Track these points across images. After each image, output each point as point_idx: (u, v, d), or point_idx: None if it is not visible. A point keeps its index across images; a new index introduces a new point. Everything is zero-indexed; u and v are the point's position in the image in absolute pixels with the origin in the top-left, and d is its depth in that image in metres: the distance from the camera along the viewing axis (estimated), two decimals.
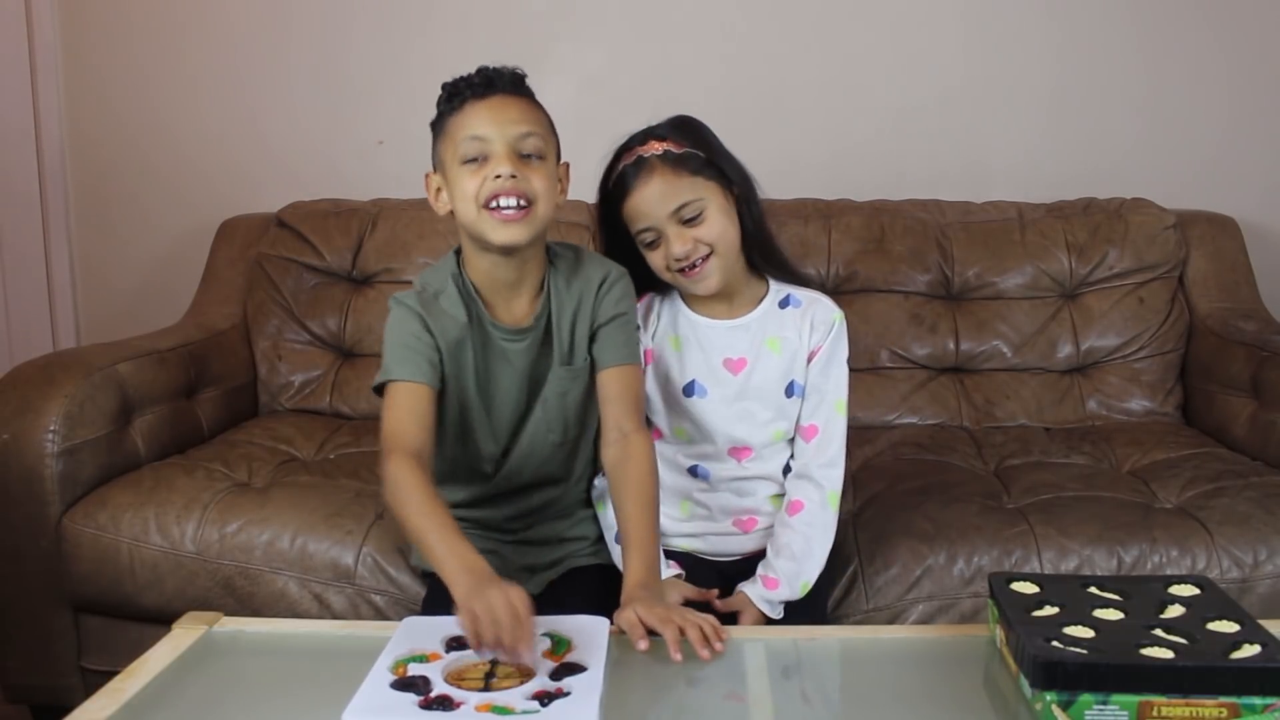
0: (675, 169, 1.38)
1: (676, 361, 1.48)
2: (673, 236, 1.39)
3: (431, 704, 0.99)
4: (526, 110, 1.32)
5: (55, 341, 2.57)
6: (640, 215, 1.39)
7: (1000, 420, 2.14)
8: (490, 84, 1.31)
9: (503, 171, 1.28)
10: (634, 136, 1.42)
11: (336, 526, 1.66)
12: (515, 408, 1.41)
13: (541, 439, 1.43)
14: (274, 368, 2.22)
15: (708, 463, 1.50)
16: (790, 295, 1.50)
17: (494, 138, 1.29)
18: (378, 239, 2.26)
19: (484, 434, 1.42)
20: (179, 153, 2.55)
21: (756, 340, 1.48)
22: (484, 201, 1.29)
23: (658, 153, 1.39)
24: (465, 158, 1.30)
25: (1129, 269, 2.19)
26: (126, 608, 1.69)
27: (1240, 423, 1.98)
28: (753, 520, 1.50)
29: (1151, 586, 1.18)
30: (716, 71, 2.43)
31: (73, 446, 1.70)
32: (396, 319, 1.35)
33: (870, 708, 1.15)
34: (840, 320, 1.49)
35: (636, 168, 1.39)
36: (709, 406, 1.47)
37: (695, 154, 1.40)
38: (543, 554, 1.49)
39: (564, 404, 1.42)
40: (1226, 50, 2.40)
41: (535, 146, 1.31)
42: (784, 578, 1.41)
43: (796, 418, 1.49)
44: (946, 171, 2.45)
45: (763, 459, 1.49)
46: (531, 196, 1.29)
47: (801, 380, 1.48)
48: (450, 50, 2.47)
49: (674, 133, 1.41)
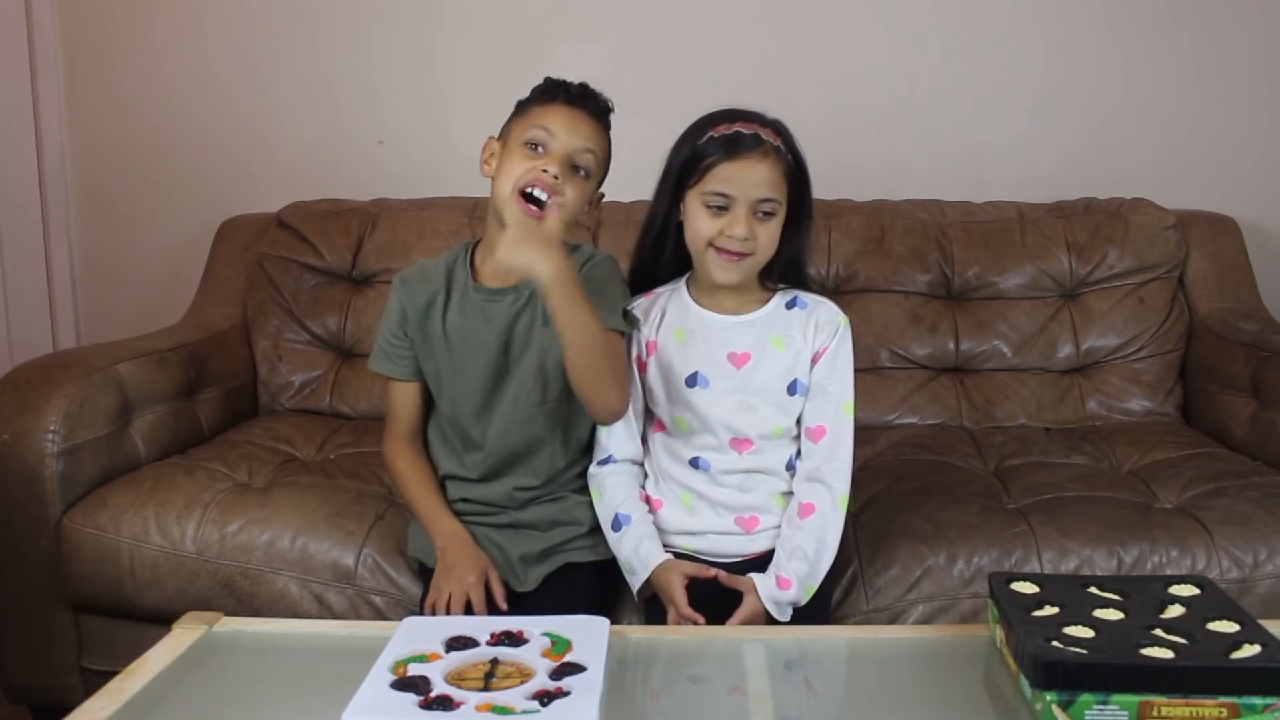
0: (781, 165, 1.44)
1: (680, 353, 1.50)
2: (742, 218, 1.42)
3: (431, 704, 0.99)
4: (597, 133, 1.47)
5: (55, 341, 2.57)
6: (732, 182, 1.42)
7: (1000, 420, 2.14)
8: (584, 98, 1.47)
9: (551, 168, 1.41)
10: (751, 114, 1.46)
11: (337, 527, 1.66)
12: (492, 364, 1.50)
13: (525, 398, 1.50)
14: (274, 368, 2.22)
15: (709, 454, 1.50)
16: (797, 297, 1.53)
17: (561, 137, 1.43)
18: (378, 239, 2.26)
19: (460, 387, 1.52)
20: (179, 153, 2.55)
21: (762, 337, 1.49)
22: (520, 185, 1.42)
23: (775, 143, 1.44)
24: (529, 141, 1.44)
25: (1129, 269, 2.19)
26: (126, 608, 1.68)
27: (1240, 423, 1.98)
28: (755, 520, 1.50)
29: (1151, 586, 1.18)
30: (716, 71, 2.43)
31: (73, 446, 1.70)
32: (388, 306, 1.56)
33: (870, 707, 1.15)
34: (845, 324, 1.51)
35: (754, 141, 1.42)
36: (711, 397, 1.48)
37: (795, 164, 1.46)
38: (537, 540, 1.51)
39: (544, 364, 1.49)
40: (1227, 50, 2.41)
41: (587, 163, 1.46)
42: (797, 580, 1.41)
43: (798, 416, 1.50)
44: (946, 172, 2.45)
45: (763, 452, 1.49)
46: (563, 202, 1.42)
47: (805, 380, 1.49)
48: (450, 50, 2.48)
49: (786, 137, 1.47)
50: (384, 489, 1.78)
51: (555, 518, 1.53)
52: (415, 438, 1.58)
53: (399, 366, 1.56)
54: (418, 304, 1.53)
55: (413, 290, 1.54)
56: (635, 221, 2.26)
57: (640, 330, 1.52)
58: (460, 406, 1.53)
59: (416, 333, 1.54)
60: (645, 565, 1.44)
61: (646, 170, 1.63)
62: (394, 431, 1.58)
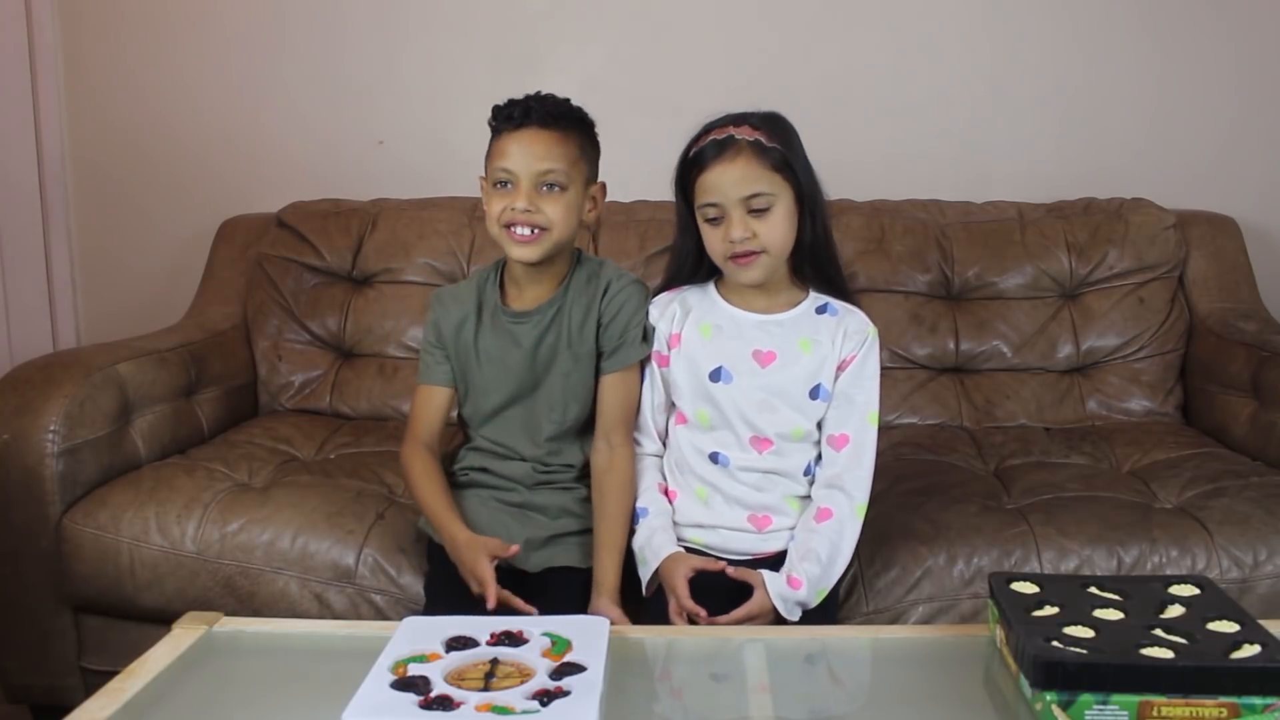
0: (760, 158, 1.43)
1: (705, 348, 1.51)
2: (735, 220, 1.43)
3: (431, 704, 0.99)
4: (554, 145, 1.47)
5: (55, 341, 2.57)
6: (713, 190, 1.43)
7: (1000, 420, 2.14)
8: (527, 115, 1.47)
9: (518, 205, 1.46)
10: (727, 116, 1.46)
11: (337, 526, 1.66)
12: (518, 383, 1.56)
13: (545, 416, 1.57)
14: (274, 368, 2.22)
15: (728, 450, 1.50)
16: (829, 304, 1.53)
17: (518, 171, 1.47)
18: (378, 239, 2.26)
19: (486, 402, 1.59)
20: (179, 153, 2.55)
21: (790, 338, 1.50)
22: (503, 223, 1.48)
23: (749, 138, 1.43)
24: (495, 181, 1.49)
25: (1129, 269, 2.19)
26: (126, 608, 1.68)
27: (1240, 423, 1.98)
28: (767, 519, 1.50)
29: (1151, 586, 1.18)
30: (716, 71, 2.43)
31: (73, 446, 1.70)
32: (427, 322, 1.61)
33: (871, 707, 1.15)
34: (874, 334, 1.53)
35: (724, 145, 1.43)
36: (733, 393, 1.49)
37: (781, 152, 1.44)
38: (544, 527, 1.55)
39: (567, 384, 1.55)
40: (1227, 50, 2.40)
41: (556, 179, 1.47)
42: (808, 581, 1.41)
43: (819, 421, 1.51)
44: (946, 171, 2.45)
45: (782, 454, 1.50)
46: (545, 225, 1.47)
47: (829, 386, 1.50)
48: (450, 50, 2.48)
49: (766, 125, 1.45)
50: (384, 488, 1.78)
51: (566, 506, 1.56)
52: (434, 444, 1.59)
53: (438, 373, 1.60)
54: (451, 322, 1.58)
55: (446, 309, 1.59)
56: (636, 221, 2.28)
57: (659, 328, 1.55)
58: (484, 401, 1.59)
59: (451, 347, 1.59)
60: (656, 555, 1.46)
61: (646, 170, 1.63)
62: (415, 436, 1.59)
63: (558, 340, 1.55)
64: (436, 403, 1.60)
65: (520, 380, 1.56)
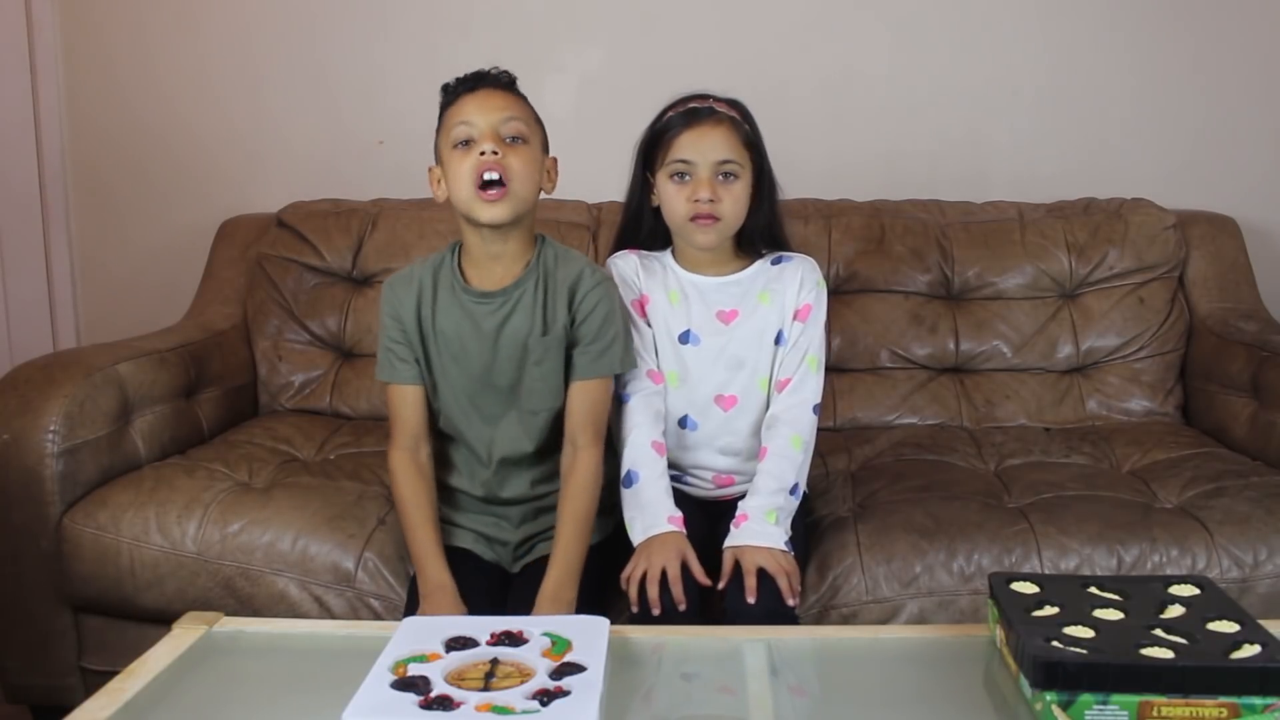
0: (735, 131, 1.55)
1: (673, 311, 1.62)
2: (704, 180, 1.53)
3: (431, 704, 0.99)
4: (510, 100, 1.49)
5: (55, 341, 2.57)
6: (689, 149, 1.53)
7: (1000, 420, 2.14)
8: (480, 79, 1.49)
9: (485, 148, 1.44)
10: (704, 92, 1.58)
11: (338, 529, 1.66)
12: (485, 369, 1.53)
13: (520, 409, 1.54)
14: (274, 368, 2.22)
15: (695, 413, 1.61)
16: (781, 255, 1.64)
17: (479, 121, 1.45)
18: (378, 239, 2.26)
19: (445, 378, 1.54)
20: (179, 152, 2.55)
21: (749, 294, 1.61)
22: (475, 180, 1.44)
23: (733, 115, 1.56)
24: (456, 141, 1.47)
25: (1129, 269, 2.19)
26: (126, 608, 1.68)
27: (1240, 423, 1.98)
28: (730, 480, 1.63)
29: (1151, 586, 1.18)
30: (716, 71, 2.39)
31: (73, 446, 1.70)
32: (382, 314, 1.56)
33: (870, 707, 1.15)
34: (823, 283, 1.64)
35: (706, 112, 1.55)
36: (701, 354, 1.60)
37: (750, 131, 1.57)
38: (542, 522, 1.57)
39: (541, 371, 1.52)
40: (1227, 50, 2.40)
41: (517, 129, 1.47)
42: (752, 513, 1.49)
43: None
44: (946, 171, 2.45)
45: (748, 411, 1.60)
46: (511, 173, 1.44)
47: (787, 332, 1.60)
48: (450, 50, 2.47)
49: (738, 109, 1.58)
50: (384, 490, 1.78)
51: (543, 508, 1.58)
52: (420, 446, 1.55)
53: (402, 370, 1.54)
54: (409, 307, 1.53)
55: (399, 294, 1.55)
56: None
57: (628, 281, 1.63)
58: (455, 413, 1.56)
59: (413, 334, 1.54)
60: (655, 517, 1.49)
61: None
62: (399, 440, 1.55)
63: (530, 325, 1.50)
64: (412, 400, 1.55)
65: (485, 369, 1.52)
